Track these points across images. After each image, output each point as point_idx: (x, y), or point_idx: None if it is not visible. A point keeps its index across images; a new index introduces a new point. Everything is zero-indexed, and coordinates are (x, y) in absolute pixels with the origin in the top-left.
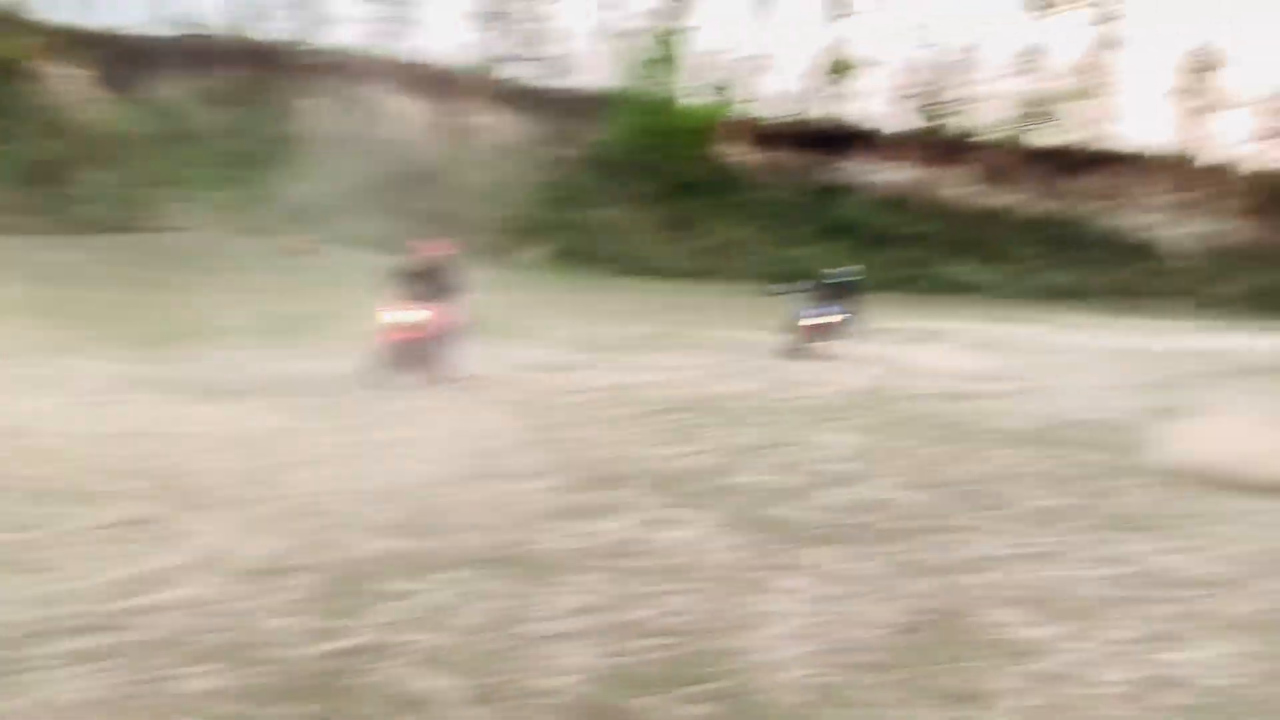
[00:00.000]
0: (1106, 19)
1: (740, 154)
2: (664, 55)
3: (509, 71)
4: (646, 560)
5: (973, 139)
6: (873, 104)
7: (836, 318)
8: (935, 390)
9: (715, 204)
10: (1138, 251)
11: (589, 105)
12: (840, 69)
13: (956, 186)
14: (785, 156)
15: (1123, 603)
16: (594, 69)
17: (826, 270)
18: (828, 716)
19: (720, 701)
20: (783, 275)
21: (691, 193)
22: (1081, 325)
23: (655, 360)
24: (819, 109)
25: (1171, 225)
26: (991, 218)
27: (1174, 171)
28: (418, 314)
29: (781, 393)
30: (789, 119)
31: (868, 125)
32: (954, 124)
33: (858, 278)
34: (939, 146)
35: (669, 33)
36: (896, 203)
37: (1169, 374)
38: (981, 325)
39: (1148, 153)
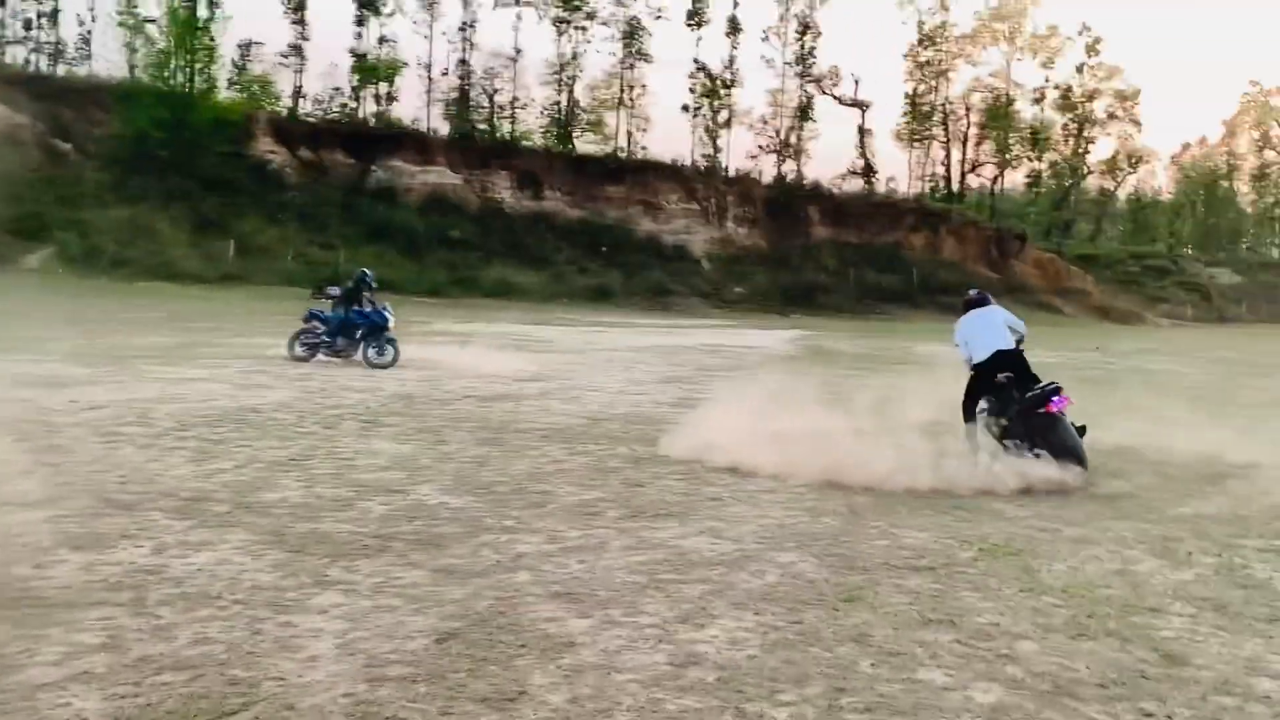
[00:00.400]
0: (634, 33)
1: (273, 153)
2: (184, 45)
3: (2, 55)
4: (167, 589)
5: (512, 144)
6: (413, 106)
7: (371, 323)
8: (475, 393)
9: (246, 204)
10: (665, 255)
11: (97, 95)
12: (380, 70)
13: (497, 191)
14: (323, 156)
15: (653, 587)
16: (103, 56)
17: (364, 272)
18: None
19: None
20: (321, 279)
21: (219, 192)
22: (615, 325)
23: (175, 372)
24: (358, 109)
25: (696, 230)
26: (531, 222)
27: (697, 181)
28: None
29: (315, 402)
30: (327, 118)
31: (408, 127)
32: (493, 129)
33: (373, 282)
34: (479, 151)
35: (190, 21)
36: (438, 205)
37: (688, 369)
38: (522, 327)
39: (675, 163)
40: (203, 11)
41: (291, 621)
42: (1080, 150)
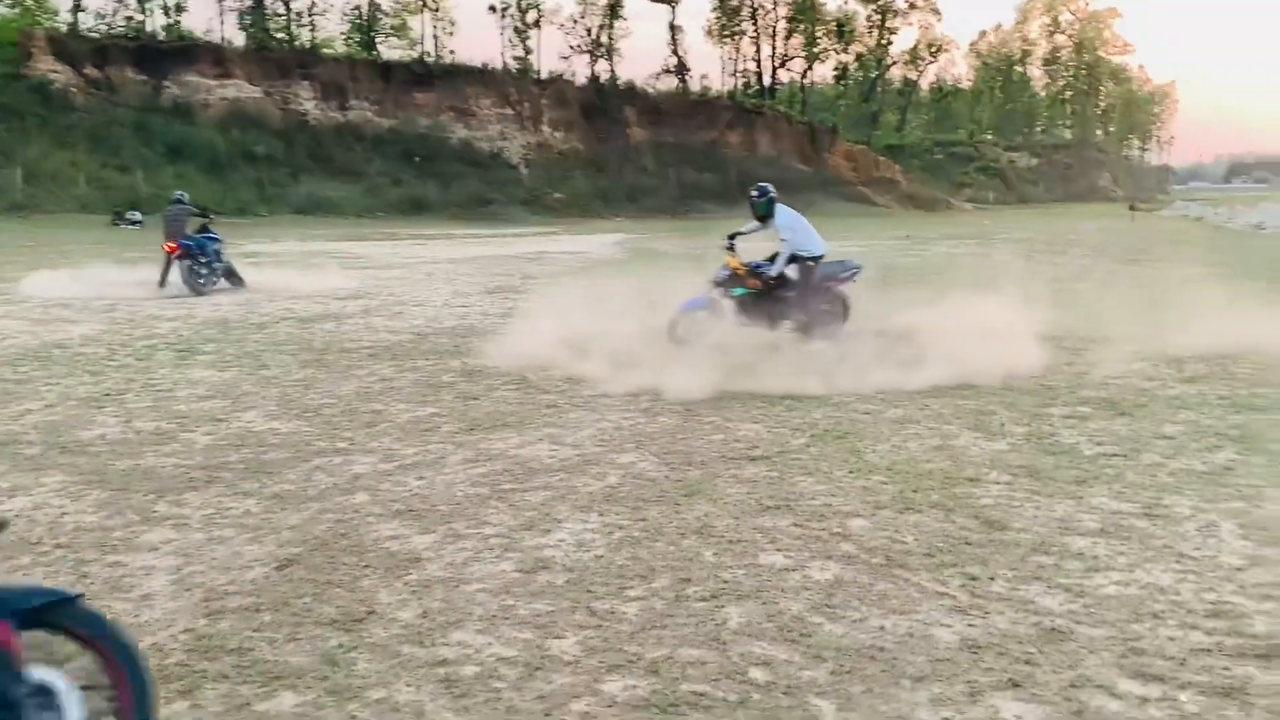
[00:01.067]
0: None
1: (56, 73)
2: None
3: None
4: None
5: (313, 53)
6: (205, 17)
7: (198, 247)
8: (294, 314)
9: (30, 129)
10: (481, 162)
11: None
12: None
13: (300, 103)
14: (110, 74)
15: (495, 498)
16: None
17: (179, 195)
18: (210, 669)
19: None
20: (118, 205)
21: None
22: (434, 237)
23: None
24: (146, 22)
25: (512, 136)
26: (338, 134)
27: (511, 85)
28: None
29: (124, 334)
30: (112, 33)
31: (201, 39)
32: (292, 38)
33: (195, 205)
34: (278, 61)
35: None
36: (238, 121)
37: (512, 278)
38: (337, 244)
39: (486, 67)
40: None
41: (121, 561)
42: (884, 41)
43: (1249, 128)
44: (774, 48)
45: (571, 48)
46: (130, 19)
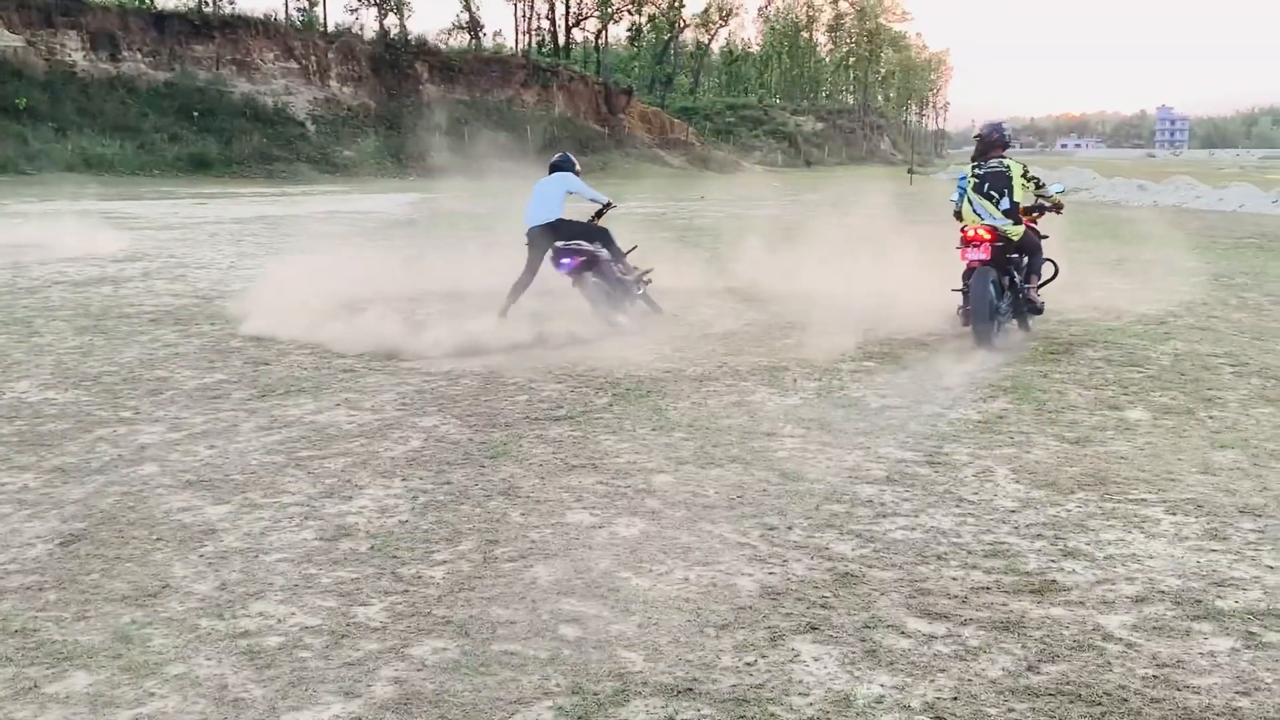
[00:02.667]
0: None
1: None
2: None
3: None
4: None
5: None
6: None
7: None
8: (66, 278)
9: None
10: (265, 118)
11: None
12: None
13: (66, 53)
14: None
15: (293, 466)
16: None
17: None
18: None
19: None
20: None
21: None
22: (216, 196)
23: None
24: None
25: (298, 91)
26: (109, 87)
27: (295, 38)
28: None
29: None
30: None
31: None
32: None
33: None
34: (41, 8)
35: None
36: None
37: (301, 239)
38: (111, 204)
39: (268, 18)
40: None
41: None
42: (676, 3)
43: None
44: (568, 6)
45: (360, 0)
46: None
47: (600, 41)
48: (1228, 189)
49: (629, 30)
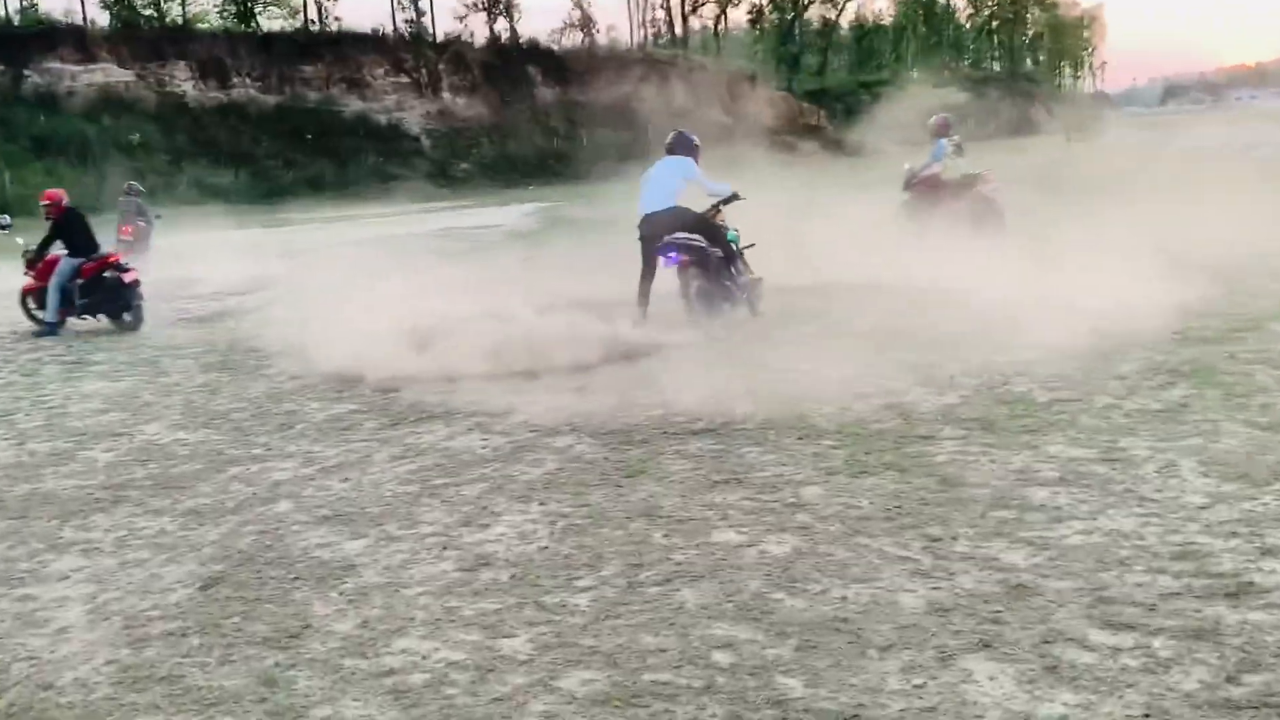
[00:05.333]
0: None
1: None
2: None
3: None
4: None
5: (186, 29)
6: None
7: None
8: (193, 313)
9: None
10: (379, 135)
11: None
12: None
13: (176, 84)
14: None
15: (427, 495)
16: None
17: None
18: (140, 701)
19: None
20: None
21: None
22: (336, 219)
23: None
24: (1, 7)
25: (410, 106)
26: (221, 115)
27: (405, 51)
28: None
29: (10, 347)
30: None
31: (61, 21)
32: (161, 14)
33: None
34: (149, 40)
35: None
36: (109, 107)
37: (425, 258)
38: (230, 233)
39: (376, 33)
40: None
41: (30, 594)
42: None
43: (1182, 48)
44: None
45: (467, 6)
46: None
47: (719, 28)
48: None
49: (749, 13)
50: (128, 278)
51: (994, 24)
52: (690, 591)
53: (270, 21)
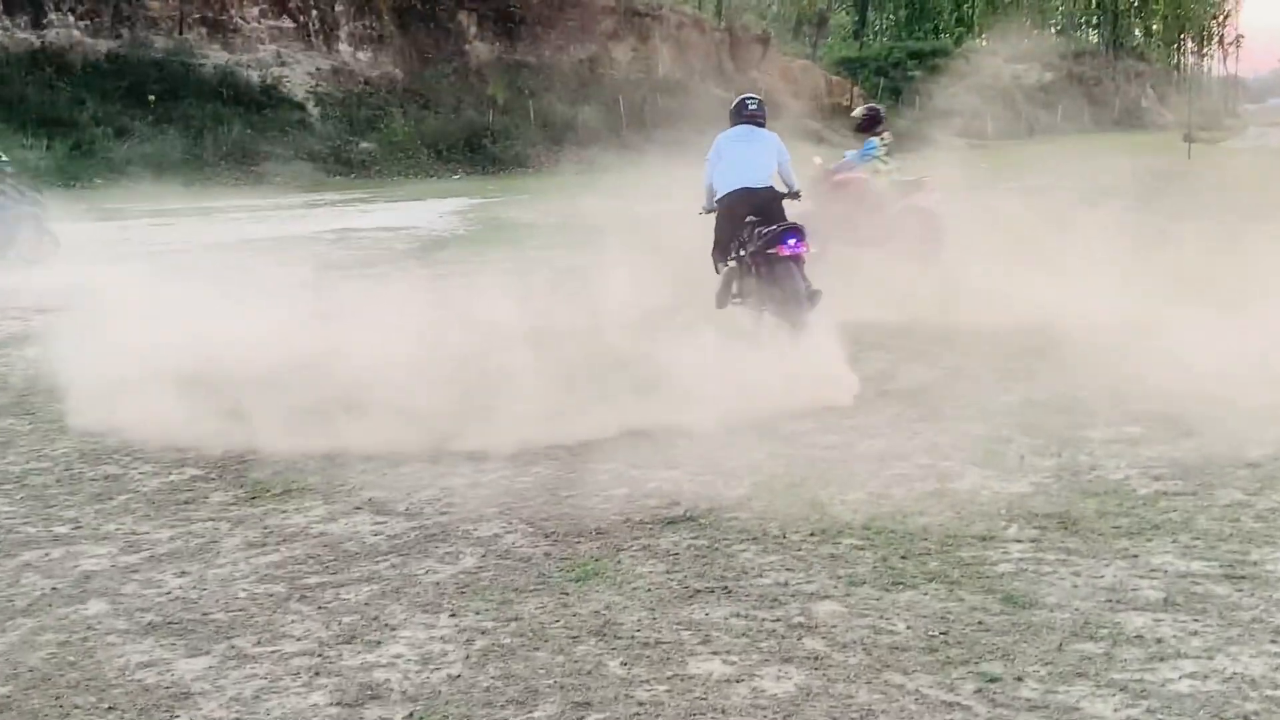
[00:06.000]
0: None
1: None
2: None
3: None
4: None
5: None
6: None
7: None
8: None
9: None
10: (250, 100)
11: None
12: None
13: None
14: None
15: (297, 598)
16: None
17: None
18: None
19: None
20: None
21: None
22: (186, 211)
23: None
24: None
25: (294, 61)
26: (31, 64)
27: None
28: None
29: None
30: None
31: None
32: None
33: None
34: None
35: None
36: None
37: (306, 268)
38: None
39: None
40: None
41: None
42: None
43: None
44: None
45: None
46: None
47: None
48: None
49: None
50: None
51: None
52: None
53: None
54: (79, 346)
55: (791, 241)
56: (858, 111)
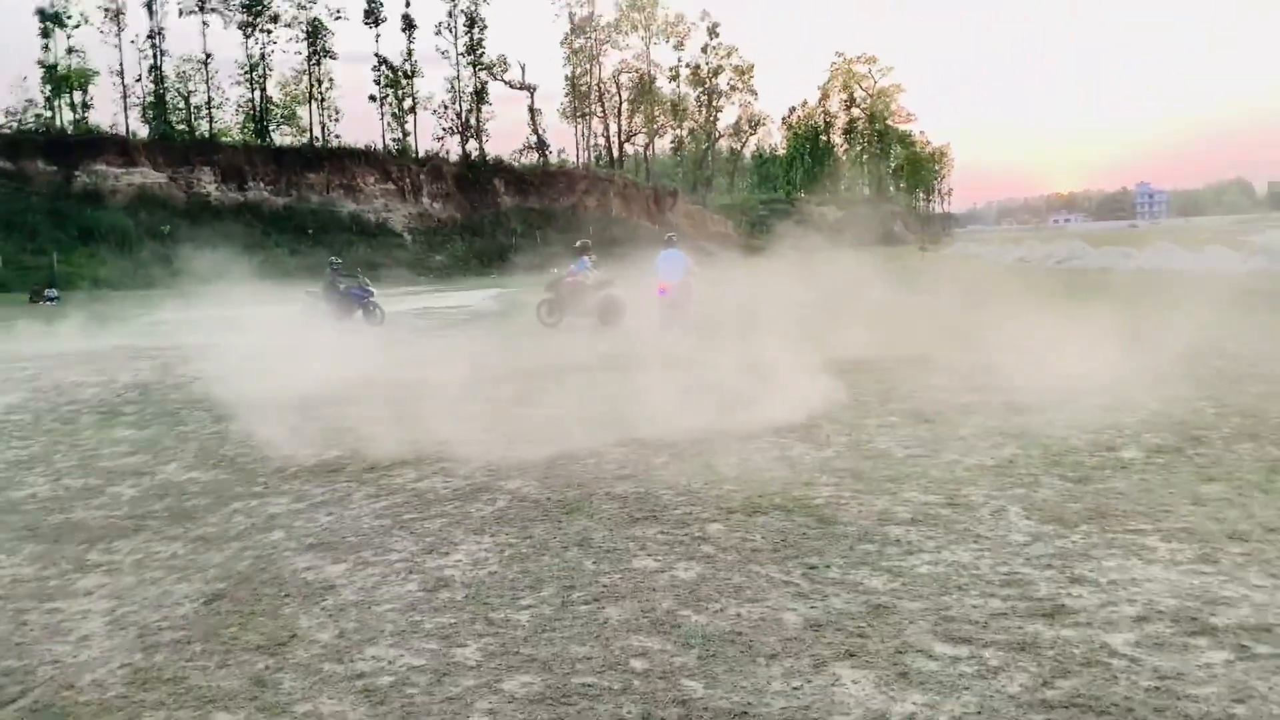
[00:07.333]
0: (317, 32)
1: None
2: None
3: None
4: None
5: (212, 141)
6: (110, 112)
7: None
8: (209, 374)
9: None
10: (369, 231)
11: None
12: (72, 79)
13: (202, 185)
14: (23, 166)
15: (398, 527)
16: None
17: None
18: (148, 699)
19: (33, 715)
20: (35, 283)
21: None
22: None
23: None
24: (54, 118)
25: (395, 208)
26: (238, 212)
27: (392, 164)
28: None
29: (49, 400)
30: (22, 129)
31: (108, 132)
32: (193, 129)
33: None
34: (181, 149)
35: None
36: (146, 203)
37: (404, 331)
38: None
39: (369, 148)
40: None
41: (58, 608)
42: (711, 118)
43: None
44: (620, 125)
45: (444, 129)
46: (39, 116)
47: (648, 153)
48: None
49: (672, 142)
50: None
51: (865, 157)
52: None
53: (282, 137)
54: (266, 377)
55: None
56: (577, 244)
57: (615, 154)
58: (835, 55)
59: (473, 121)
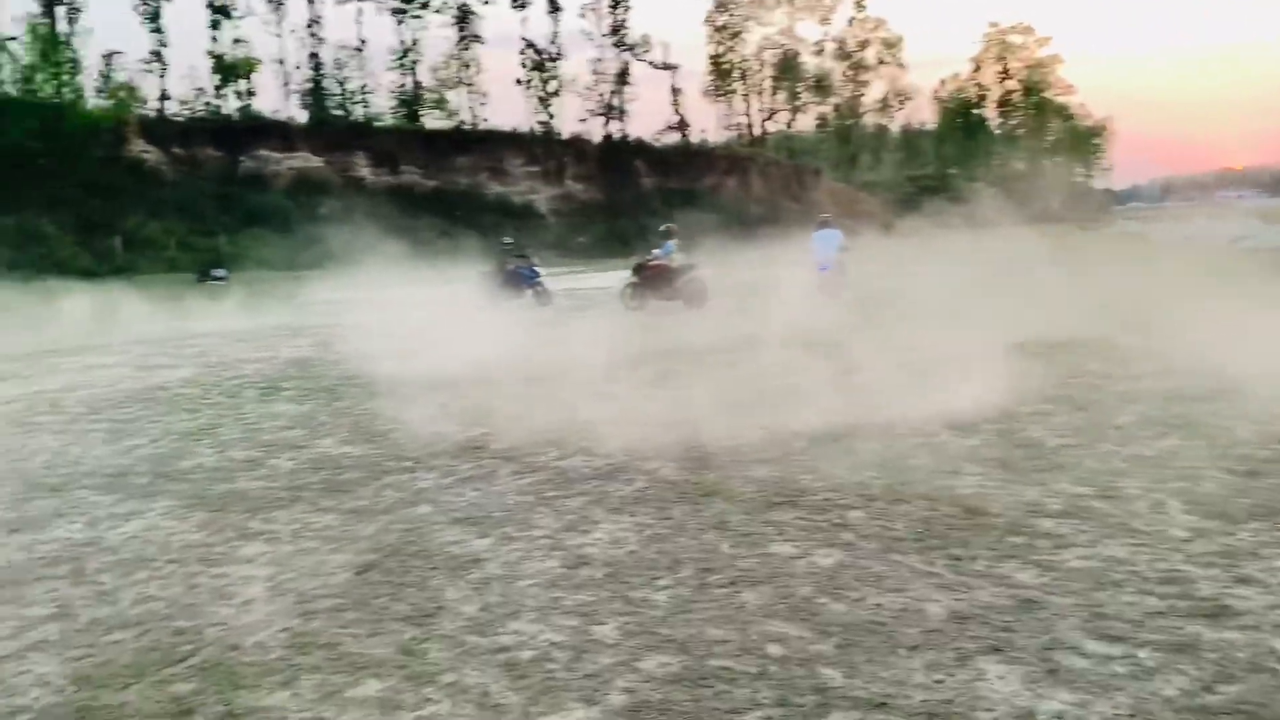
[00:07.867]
0: (465, 17)
1: (147, 153)
2: (48, 59)
3: None
4: (105, 558)
5: (366, 126)
6: (272, 99)
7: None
8: (365, 352)
9: (128, 202)
10: (514, 213)
11: None
12: (239, 68)
13: (356, 170)
14: (194, 152)
15: (541, 505)
16: None
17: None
18: (305, 663)
19: (203, 673)
20: (204, 263)
21: (101, 193)
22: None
23: (77, 362)
24: (222, 106)
25: (540, 190)
26: (390, 195)
27: (537, 146)
28: None
29: (216, 375)
30: (194, 116)
31: (270, 118)
32: (348, 114)
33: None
34: (337, 135)
35: (51, 36)
36: (304, 187)
37: (548, 311)
38: (396, 291)
39: (515, 131)
40: (63, 26)
41: (224, 572)
42: (857, 93)
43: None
44: (762, 103)
45: (588, 111)
46: (208, 104)
47: (791, 130)
48: None
49: (816, 119)
50: None
51: (1020, 132)
52: None
53: (433, 121)
54: (420, 356)
55: None
56: (663, 228)
57: (757, 132)
58: (989, 25)
59: (615, 103)
